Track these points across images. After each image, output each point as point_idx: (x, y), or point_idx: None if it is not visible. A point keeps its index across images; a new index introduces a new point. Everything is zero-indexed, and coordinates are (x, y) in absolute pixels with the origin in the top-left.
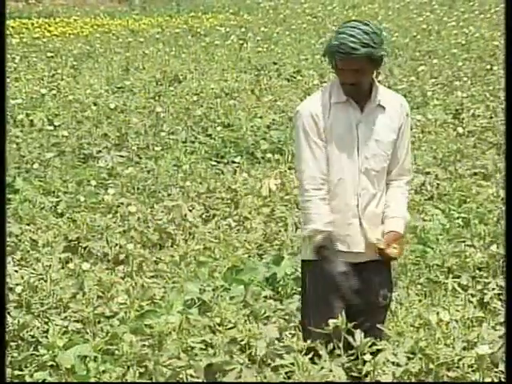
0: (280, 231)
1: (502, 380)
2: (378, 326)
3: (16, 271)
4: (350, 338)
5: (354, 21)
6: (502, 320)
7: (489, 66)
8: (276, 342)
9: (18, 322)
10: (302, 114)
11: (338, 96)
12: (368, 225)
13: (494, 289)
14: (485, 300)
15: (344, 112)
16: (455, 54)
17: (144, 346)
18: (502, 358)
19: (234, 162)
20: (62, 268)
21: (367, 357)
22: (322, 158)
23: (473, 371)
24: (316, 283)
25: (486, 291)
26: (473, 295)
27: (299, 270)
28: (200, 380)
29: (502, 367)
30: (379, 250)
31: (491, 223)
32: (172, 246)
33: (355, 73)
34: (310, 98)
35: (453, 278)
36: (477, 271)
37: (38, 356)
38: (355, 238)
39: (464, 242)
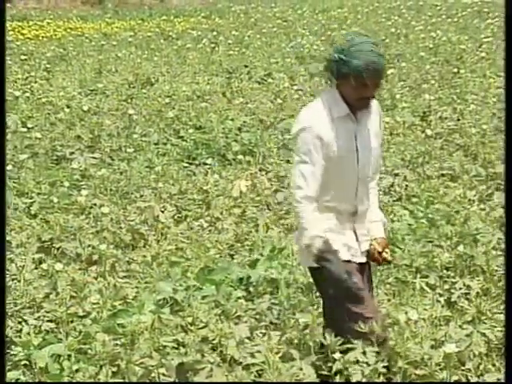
0: (251, 232)
1: (469, 379)
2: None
3: None
4: (321, 337)
5: (357, 35)
6: (469, 319)
7: (456, 70)
8: (247, 341)
9: None
10: (308, 131)
11: (339, 110)
12: (360, 228)
13: (461, 288)
14: (452, 299)
15: (345, 125)
16: (423, 57)
17: (116, 345)
18: (470, 357)
19: (205, 164)
20: (36, 268)
21: (337, 355)
22: (319, 178)
23: (440, 369)
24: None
25: (453, 291)
26: (440, 294)
27: (272, 272)
28: (171, 379)
29: (469, 365)
30: (378, 255)
31: (458, 224)
32: (144, 247)
33: (377, 86)
34: (313, 112)
35: (421, 277)
36: (444, 271)
37: (11, 355)
38: (351, 244)
39: (432, 242)
